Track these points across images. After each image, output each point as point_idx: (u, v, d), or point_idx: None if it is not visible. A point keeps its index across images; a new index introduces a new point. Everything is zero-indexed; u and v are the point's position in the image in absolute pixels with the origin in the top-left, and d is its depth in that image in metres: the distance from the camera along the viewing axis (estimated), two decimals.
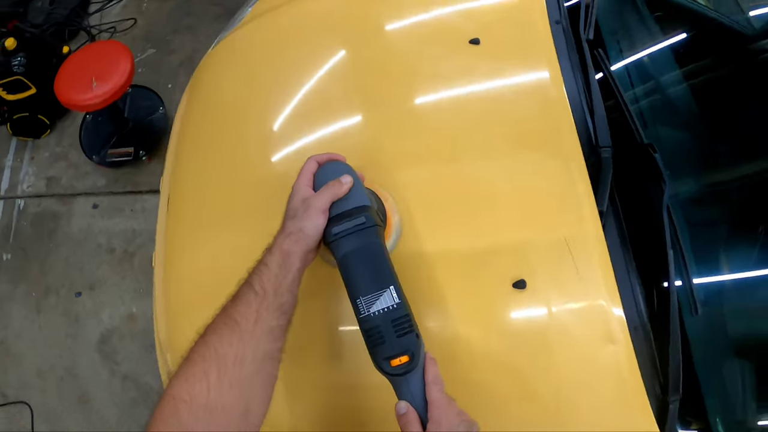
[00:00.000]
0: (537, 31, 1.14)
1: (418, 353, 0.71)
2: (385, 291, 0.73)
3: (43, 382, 2.10)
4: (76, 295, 2.22)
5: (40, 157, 2.58)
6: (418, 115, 1.09)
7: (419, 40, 1.18)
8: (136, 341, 2.10)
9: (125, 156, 2.37)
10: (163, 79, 2.69)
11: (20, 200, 2.49)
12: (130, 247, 2.27)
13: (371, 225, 0.77)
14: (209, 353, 0.65)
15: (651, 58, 1.28)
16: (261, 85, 1.22)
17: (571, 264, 0.88)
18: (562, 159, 0.97)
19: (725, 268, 1.01)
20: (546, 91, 1.06)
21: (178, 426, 0.60)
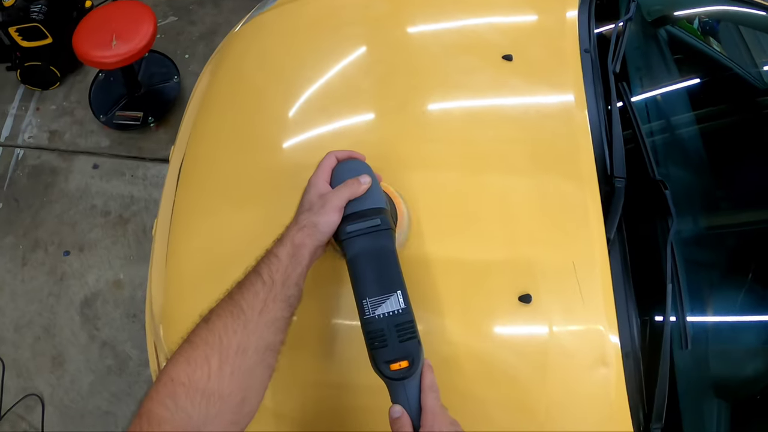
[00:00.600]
0: (567, 56, 1.20)
1: (418, 360, 0.72)
2: (392, 295, 0.75)
3: (19, 338, 2.13)
4: (65, 254, 2.25)
5: (46, 109, 2.61)
6: (440, 122, 1.14)
7: (452, 47, 1.23)
8: (119, 308, 2.13)
9: (133, 120, 2.41)
10: (181, 49, 2.73)
11: (19, 150, 2.52)
12: (126, 212, 2.31)
13: (386, 228, 0.80)
14: (212, 339, 0.66)
15: (667, 97, 1.35)
16: (286, 71, 1.25)
17: (576, 286, 0.93)
18: (577, 183, 1.02)
19: (715, 309, 1.07)
20: (570, 116, 1.11)
21: (174, 408, 0.61)
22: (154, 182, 2.37)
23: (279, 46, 1.34)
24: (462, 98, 1.16)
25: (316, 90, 1.20)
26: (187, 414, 0.61)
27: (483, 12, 1.31)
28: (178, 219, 1.16)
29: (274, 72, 1.27)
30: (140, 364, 2.04)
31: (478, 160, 1.07)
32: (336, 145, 1.05)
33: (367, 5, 1.36)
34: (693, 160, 1.24)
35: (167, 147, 2.44)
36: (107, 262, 2.22)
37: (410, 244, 0.97)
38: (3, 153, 2.53)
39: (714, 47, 1.46)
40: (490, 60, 1.19)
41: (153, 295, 1.19)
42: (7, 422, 2.01)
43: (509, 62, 1.19)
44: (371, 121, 1.15)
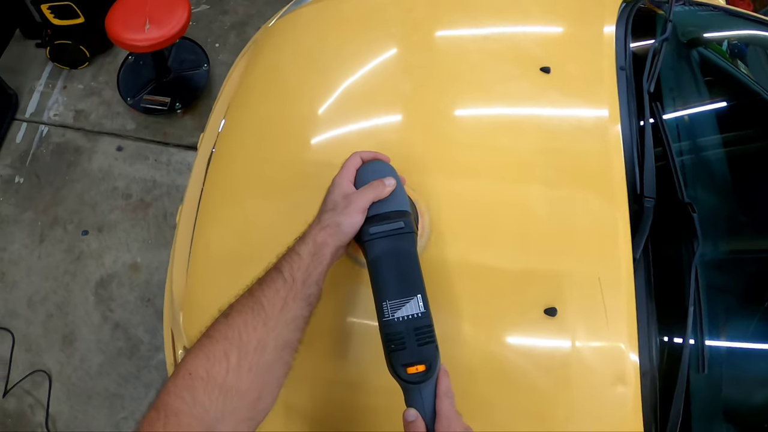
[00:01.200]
0: (603, 72, 1.23)
1: (435, 364, 0.74)
2: (412, 298, 0.76)
3: (32, 314, 2.21)
4: (83, 234, 2.33)
5: (73, 88, 2.69)
6: (472, 128, 1.17)
7: (491, 55, 1.26)
8: (134, 291, 2.20)
9: (160, 105, 2.49)
10: (212, 37, 2.81)
11: (44, 127, 2.60)
12: (147, 196, 2.38)
13: (409, 231, 0.81)
14: (232, 334, 0.68)
15: (696, 118, 1.38)
16: (320, 67, 1.29)
17: (601, 303, 0.96)
18: (608, 200, 1.06)
19: (730, 335, 1.10)
20: (603, 133, 1.15)
21: (191, 401, 0.62)
22: (177, 168, 2.44)
23: (315, 41, 1.38)
24: (497, 106, 1.20)
25: (348, 88, 1.24)
26: (204, 408, 0.63)
27: (522, 21, 1.34)
28: (205, 207, 1.20)
29: (308, 67, 1.31)
30: (151, 348, 2.10)
31: (508, 169, 1.10)
32: (364, 144, 1.09)
33: (410, 8, 1.39)
34: (718, 183, 1.27)
35: (193, 134, 2.51)
36: (125, 245, 2.29)
37: (430, 248, 1.00)
38: (27, 129, 2.61)
39: (742, 70, 1.50)
40: (528, 71, 1.22)
41: (174, 281, 1.23)
42: (13, 396, 2.08)
43: (547, 74, 1.22)
44: (401, 122, 1.19)
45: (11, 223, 2.39)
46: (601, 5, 1.40)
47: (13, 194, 2.45)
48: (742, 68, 1.52)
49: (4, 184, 2.48)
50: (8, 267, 2.30)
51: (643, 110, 1.18)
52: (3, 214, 2.41)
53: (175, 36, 2.24)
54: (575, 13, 1.39)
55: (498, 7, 1.38)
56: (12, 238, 2.36)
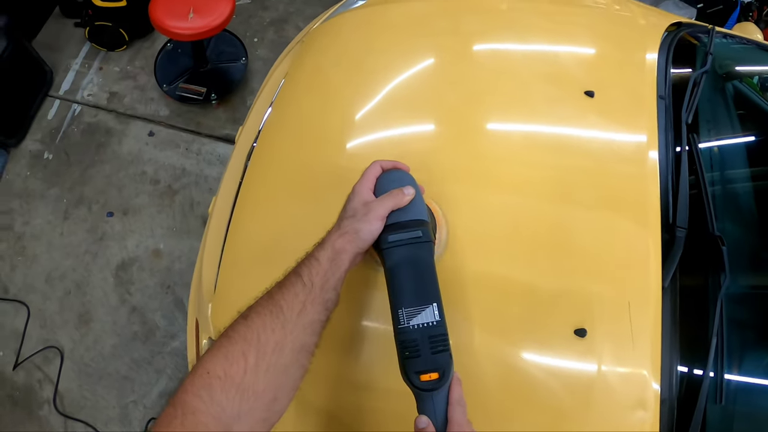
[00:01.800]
0: (644, 100, 1.28)
1: (448, 372, 0.76)
2: (428, 307, 0.79)
3: (49, 289, 2.26)
4: (108, 215, 2.38)
5: (109, 70, 2.76)
6: (511, 144, 1.21)
7: (537, 75, 1.31)
8: (155, 277, 2.25)
9: (196, 94, 2.55)
10: (251, 32, 2.88)
11: (77, 105, 2.67)
12: (176, 184, 2.44)
13: (427, 240, 0.84)
14: (251, 335, 0.71)
15: (728, 151, 1.42)
16: (364, 72, 1.33)
17: (628, 328, 1.00)
18: (642, 227, 1.10)
19: (745, 369, 1.13)
20: (641, 160, 1.18)
21: (209, 400, 0.65)
22: (207, 159, 2.50)
23: (361, 46, 1.42)
24: (538, 125, 1.24)
25: (388, 95, 1.28)
26: (221, 407, 0.65)
27: (570, 44, 1.39)
28: (243, 202, 1.24)
29: (350, 72, 1.35)
30: (166, 335, 2.15)
31: (545, 187, 1.14)
32: (397, 151, 1.14)
33: (459, 19, 1.43)
34: (743, 216, 1.31)
35: (225, 126, 2.57)
36: (149, 230, 2.34)
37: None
38: (60, 106, 2.68)
39: None
40: (572, 93, 1.27)
41: (204, 273, 1.27)
42: (23, 369, 2.13)
43: (591, 98, 1.26)
44: (438, 132, 1.23)
45: (37, 197, 2.45)
46: (644, 33, 1.45)
47: (41, 169, 2.51)
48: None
49: (33, 158, 2.54)
50: (29, 241, 2.36)
51: (680, 140, 1.22)
52: (29, 188, 2.47)
53: (218, 27, 2.30)
54: (620, 39, 1.44)
55: (547, 27, 1.43)
56: (36, 212, 2.42)
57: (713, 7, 2.54)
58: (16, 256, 2.34)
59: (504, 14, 1.48)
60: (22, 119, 2.60)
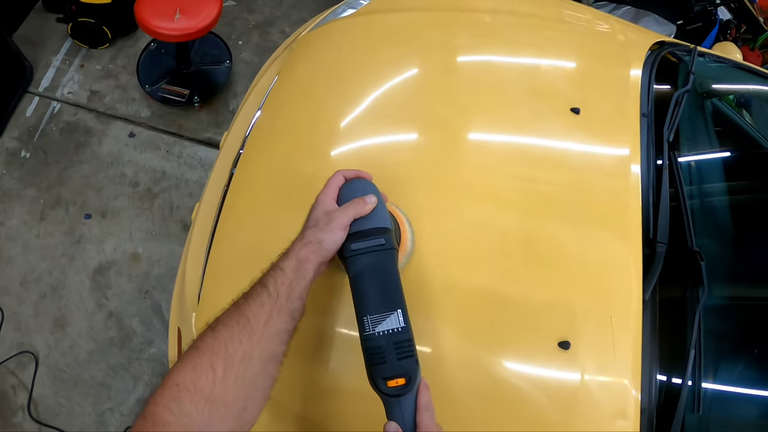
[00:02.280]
0: (627, 117, 1.33)
1: (415, 378, 0.79)
2: (392, 313, 0.81)
3: (24, 292, 2.25)
4: (86, 217, 2.38)
5: (90, 68, 2.76)
6: (495, 157, 1.24)
7: (523, 88, 1.35)
8: (133, 282, 2.26)
9: (179, 96, 2.56)
10: (236, 34, 2.89)
11: (56, 103, 2.67)
12: (156, 187, 2.44)
13: (390, 248, 0.87)
14: (219, 347, 0.73)
15: (705, 167, 1.49)
16: (351, 82, 1.36)
17: (610, 340, 1.05)
18: (623, 242, 1.15)
19: (720, 378, 1.18)
20: (624, 177, 1.23)
21: (178, 412, 0.67)
22: (188, 162, 2.51)
23: (351, 55, 1.45)
24: (525, 140, 1.28)
25: (378, 105, 1.31)
26: (190, 419, 0.67)
27: (557, 57, 1.44)
28: (229, 209, 1.25)
29: (337, 80, 1.38)
30: (144, 341, 2.15)
31: (527, 199, 1.18)
32: (383, 160, 1.19)
33: (448, 32, 1.47)
34: (720, 231, 1.37)
35: (207, 129, 2.58)
36: (128, 233, 2.34)
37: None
38: (39, 103, 2.67)
39: (746, 119, 1.64)
40: (558, 109, 1.31)
41: (187, 280, 1.28)
42: None
43: (576, 115, 1.31)
44: (423, 143, 1.26)
45: (12, 197, 2.44)
46: (628, 50, 1.51)
47: (17, 168, 2.50)
48: (747, 117, 1.66)
49: (9, 156, 2.53)
50: (4, 242, 2.35)
51: (661, 156, 1.28)
52: (5, 188, 2.46)
53: (204, 29, 2.32)
54: (606, 56, 1.49)
55: (535, 43, 1.47)
56: (11, 213, 2.41)
57: (693, 24, 2.62)
58: None
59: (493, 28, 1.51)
60: None
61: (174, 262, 2.30)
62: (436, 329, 1.05)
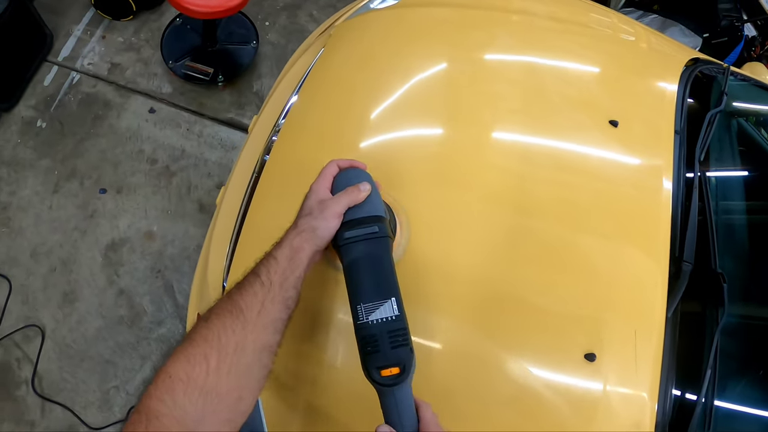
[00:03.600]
0: (662, 134, 1.37)
1: (409, 367, 0.81)
2: (386, 301, 0.84)
3: (34, 264, 2.32)
4: (100, 192, 2.44)
5: (112, 40, 2.82)
6: (530, 161, 1.28)
7: (563, 96, 1.39)
8: (145, 260, 2.32)
9: (203, 74, 2.61)
10: (263, 15, 2.95)
11: (75, 74, 2.73)
12: (174, 165, 2.50)
13: (383, 236, 0.90)
14: (212, 337, 0.75)
15: (729, 186, 1.54)
16: (387, 73, 1.40)
17: (633, 354, 1.10)
18: (652, 258, 1.20)
19: (731, 397, 1.24)
20: (656, 194, 1.28)
21: (172, 404, 0.69)
22: (209, 142, 2.57)
23: (389, 47, 1.48)
24: (563, 149, 1.32)
25: (414, 98, 1.35)
26: (183, 410, 0.70)
27: (596, 65, 1.49)
28: (261, 197, 1.29)
29: (376, 71, 1.42)
30: (154, 321, 2.21)
31: (559, 207, 1.23)
32: (417, 153, 1.24)
33: (492, 32, 1.51)
34: (739, 250, 1.42)
35: (230, 109, 2.64)
36: (143, 211, 2.40)
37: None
38: (58, 72, 2.73)
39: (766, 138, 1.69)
40: (597, 122, 1.36)
41: (210, 266, 1.32)
42: (1, 347, 2.19)
43: (614, 128, 1.35)
44: (454, 140, 1.31)
45: (26, 167, 2.50)
46: (665, 65, 1.56)
47: (32, 137, 2.57)
48: (765, 134, 1.70)
49: (24, 125, 2.59)
50: (15, 212, 2.41)
51: (692, 176, 1.32)
52: (19, 157, 2.53)
53: (235, 7, 2.36)
54: (643, 68, 1.55)
55: (578, 51, 1.51)
56: (24, 183, 2.47)
57: (719, 38, 2.71)
58: (0, 227, 2.39)
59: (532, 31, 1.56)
60: (16, 83, 2.65)
61: (188, 243, 2.36)
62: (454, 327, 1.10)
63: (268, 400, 1.12)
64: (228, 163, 2.54)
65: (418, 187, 1.21)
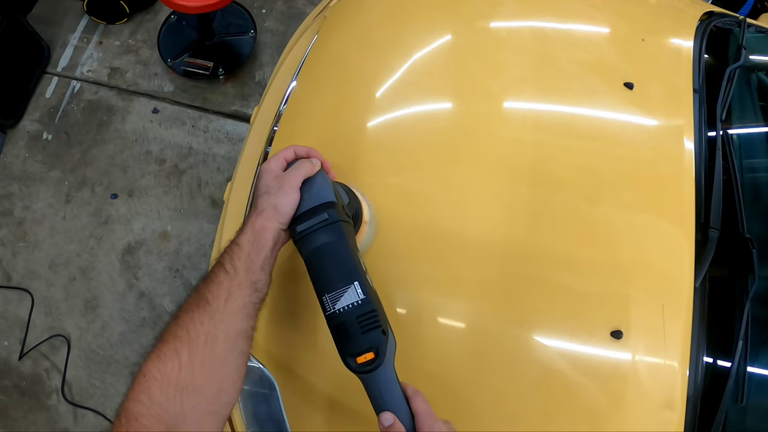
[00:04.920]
0: (681, 94, 1.36)
1: (384, 350, 0.82)
2: (349, 287, 0.85)
3: (53, 276, 2.44)
4: (112, 197, 2.55)
5: (109, 45, 2.93)
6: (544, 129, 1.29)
7: (575, 62, 1.39)
8: (163, 261, 2.42)
9: (202, 69, 2.70)
10: (259, 2, 3.03)
11: (76, 82, 2.84)
12: (183, 163, 2.60)
13: (334, 221, 0.90)
14: (180, 332, 0.78)
15: (753, 145, 1.51)
16: (387, 51, 1.41)
17: (661, 330, 1.11)
18: (676, 227, 1.20)
19: (763, 364, 1.23)
20: (677, 159, 1.27)
21: (149, 403, 0.72)
22: (215, 136, 2.66)
23: (386, 23, 1.49)
24: (579, 115, 1.32)
25: (418, 74, 1.36)
26: (162, 407, 0.72)
27: (607, 25, 1.48)
28: None
29: (375, 49, 1.43)
30: None
31: (578, 176, 1.23)
32: (423, 128, 1.27)
33: (499, 1, 1.50)
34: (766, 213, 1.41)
35: (234, 102, 2.73)
36: (156, 212, 2.51)
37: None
38: (58, 83, 2.85)
39: None
40: (612, 85, 1.35)
41: None
42: (29, 359, 2.32)
43: (629, 90, 1.34)
44: (465, 113, 1.31)
45: (37, 181, 2.63)
46: (679, 20, 1.55)
47: (40, 151, 2.69)
48: None
49: (31, 140, 2.72)
50: (31, 226, 2.54)
51: (714, 137, 1.32)
52: (28, 171, 2.65)
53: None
54: (656, 25, 1.53)
55: (586, 12, 1.51)
56: (36, 196, 2.60)
57: None
58: (18, 242, 2.52)
59: None
60: (18, 98, 2.77)
61: (204, 239, 2.46)
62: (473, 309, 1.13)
63: (289, 397, 1.17)
64: (236, 156, 2.63)
65: (427, 164, 1.23)
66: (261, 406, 1.21)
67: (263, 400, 1.20)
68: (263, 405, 1.21)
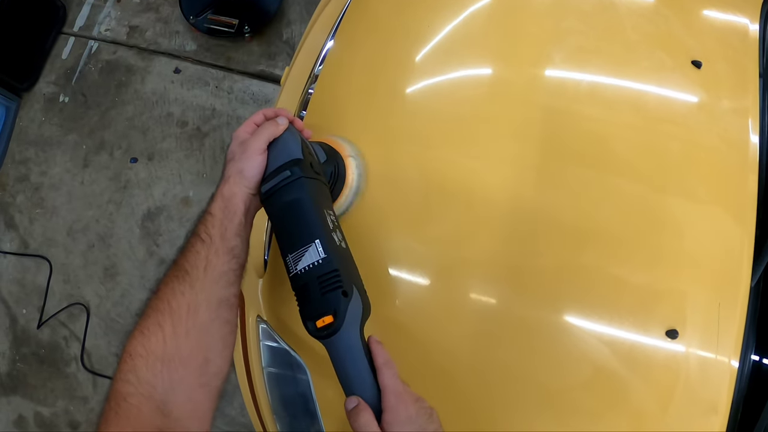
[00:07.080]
0: (748, 77, 1.35)
1: (343, 312, 0.83)
2: (310, 246, 0.86)
3: (72, 243, 2.56)
4: (131, 161, 2.66)
5: (128, 2, 3.03)
6: (610, 105, 1.29)
7: (642, 34, 1.38)
8: (184, 227, 2.52)
9: (227, 26, 2.79)
10: None
11: (93, 42, 2.96)
12: (205, 126, 2.70)
13: (296, 177, 0.92)
14: (162, 305, 0.81)
15: None
16: (437, 5, 1.41)
17: (715, 330, 1.14)
18: (738, 222, 1.20)
19: None
20: (741, 146, 1.27)
21: (137, 382, 0.75)
22: (240, 97, 2.75)
23: None
24: (643, 88, 1.32)
25: (462, 36, 1.36)
26: (150, 384, 0.75)
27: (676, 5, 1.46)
28: None
29: (419, 5, 1.43)
30: None
31: (644, 158, 1.24)
32: (462, 95, 1.29)
33: None
34: None
35: (260, 61, 2.81)
36: (177, 176, 2.61)
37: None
38: (75, 44, 2.97)
39: None
40: (679, 62, 1.34)
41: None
42: (48, 327, 2.45)
43: (698, 69, 1.33)
44: (513, 80, 1.32)
45: (53, 145, 2.75)
46: None
47: (56, 114, 2.81)
48: None
49: (47, 102, 2.84)
50: (48, 192, 2.67)
51: None
52: (45, 135, 2.78)
53: None
54: (723, 2, 1.49)
55: None
56: (53, 161, 2.73)
57: None
58: (35, 208, 2.65)
59: None
60: (34, 60, 2.90)
61: None
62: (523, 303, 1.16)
63: (319, 381, 1.23)
64: None
65: (475, 137, 1.25)
66: (288, 388, 1.28)
67: (291, 383, 1.27)
68: (290, 387, 1.28)
